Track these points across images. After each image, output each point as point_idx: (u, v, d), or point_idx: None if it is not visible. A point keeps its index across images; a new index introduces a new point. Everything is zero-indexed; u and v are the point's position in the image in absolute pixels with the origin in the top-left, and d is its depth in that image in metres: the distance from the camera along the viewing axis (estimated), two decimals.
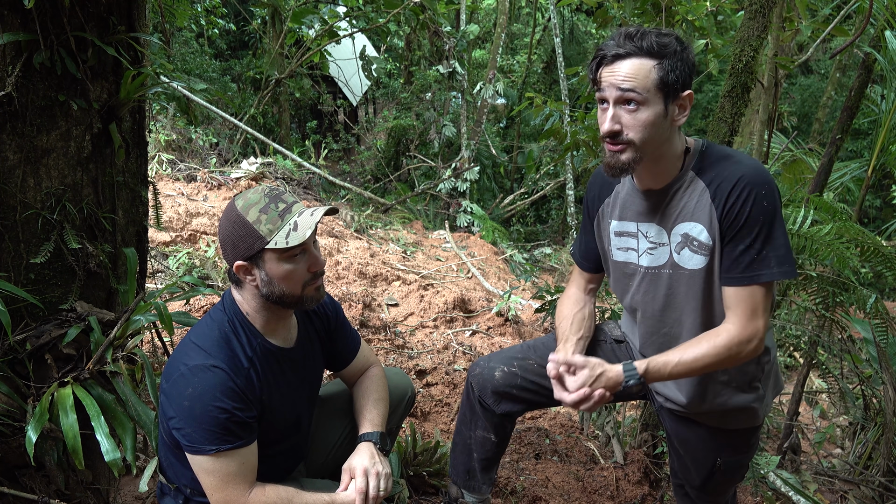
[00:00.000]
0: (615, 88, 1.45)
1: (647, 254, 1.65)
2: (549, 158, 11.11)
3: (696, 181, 1.55)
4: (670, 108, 1.47)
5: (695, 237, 1.55)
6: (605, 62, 1.47)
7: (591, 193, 1.80)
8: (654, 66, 1.43)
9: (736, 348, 1.52)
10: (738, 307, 1.53)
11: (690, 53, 1.48)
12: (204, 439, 1.40)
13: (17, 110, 1.65)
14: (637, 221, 1.66)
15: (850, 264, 2.68)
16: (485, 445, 1.96)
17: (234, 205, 1.48)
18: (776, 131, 6.01)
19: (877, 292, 3.28)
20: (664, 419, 1.91)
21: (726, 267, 1.53)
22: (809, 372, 3.70)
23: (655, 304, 1.68)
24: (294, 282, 1.49)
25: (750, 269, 1.50)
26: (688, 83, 1.48)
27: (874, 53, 3.71)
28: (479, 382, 1.91)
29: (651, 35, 1.44)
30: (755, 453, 2.17)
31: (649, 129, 1.46)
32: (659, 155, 1.53)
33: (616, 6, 4.44)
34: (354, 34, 8.83)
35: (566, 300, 1.91)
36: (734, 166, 1.51)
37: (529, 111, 5.31)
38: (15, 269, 1.74)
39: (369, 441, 1.70)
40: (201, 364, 1.44)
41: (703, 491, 1.91)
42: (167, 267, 4.22)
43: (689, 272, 1.58)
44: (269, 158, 7.24)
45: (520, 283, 6.48)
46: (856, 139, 12.86)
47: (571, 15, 15.29)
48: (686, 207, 1.56)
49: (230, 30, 12.92)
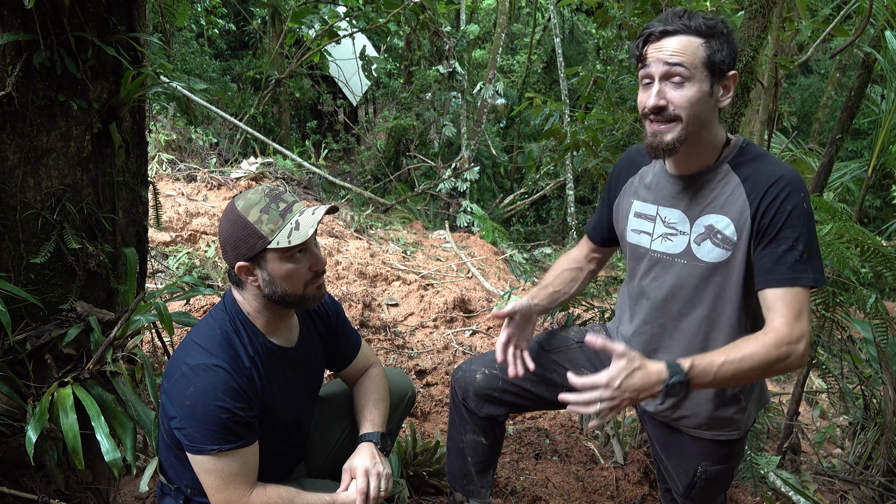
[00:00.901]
0: (662, 63, 1.45)
1: (662, 239, 1.63)
2: (549, 158, 11.11)
3: (730, 175, 1.53)
4: (715, 88, 1.48)
5: (720, 230, 1.52)
6: (651, 39, 1.48)
7: (616, 172, 1.80)
8: (701, 43, 1.45)
9: (786, 348, 1.41)
10: (784, 308, 1.43)
11: (735, 38, 1.49)
12: (205, 439, 1.40)
13: (17, 110, 1.65)
14: (658, 205, 1.64)
15: (850, 264, 2.68)
16: (477, 449, 1.94)
17: (234, 205, 1.48)
18: (776, 131, 6.01)
19: (877, 292, 3.28)
20: (646, 424, 1.88)
21: (768, 267, 1.46)
22: (809, 372, 3.70)
23: (660, 293, 1.65)
24: (296, 281, 1.49)
25: (794, 270, 1.45)
26: (732, 65, 1.49)
27: (874, 53, 3.71)
28: (462, 386, 1.89)
29: (699, 16, 1.46)
30: (741, 462, 2.14)
31: (695, 107, 1.45)
32: (698, 138, 1.51)
33: (616, 6, 4.44)
34: (354, 34, 8.83)
35: (565, 257, 1.96)
36: (772, 166, 1.50)
37: (529, 111, 5.31)
38: (15, 269, 1.74)
39: (370, 441, 1.70)
40: (203, 363, 1.44)
41: (688, 498, 1.86)
42: (167, 267, 4.22)
43: (707, 265, 1.55)
44: (269, 158, 7.24)
45: (520, 283, 6.48)
46: (856, 139, 12.86)
47: (571, 15, 15.29)
48: (717, 200, 1.53)
49: (230, 30, 12.92)
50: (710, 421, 1.69)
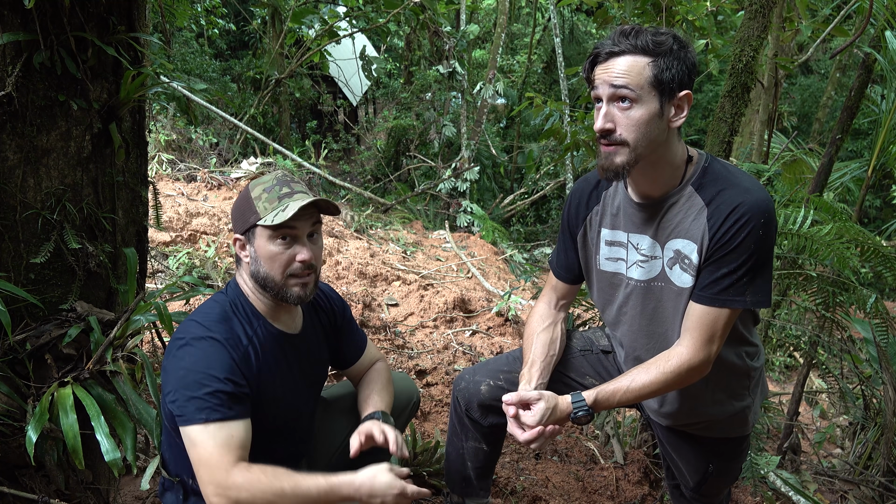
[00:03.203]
0: (608, 85, 1.41)
1: (637, 266, 1.61)
2: (549, 158, 11.11)
3: (694, 197, 1.50)
4: (666, 108, 1.43)
5: (686, 255, 1.51)
6: (599, 60, 1.44)
7: (574, 203, 1.74)
8: (648, 63, 1.40)
9: (686, 374, 1.52)
10: (698, 329, 1.50)
11: (689, 53, 1.43)
12: (195, 409, 1.39)
13: (17, 110, 1.65)
14: (628, 232, 1.61)
15: (850, 264, 2.68)
16: (478, 455, 1.94)
17: (250, 182, 1.56)
18: (776, 131, 6.01)
19: (877, 292, 3.28)
20: (655, 427, 1.90)
21: (702, 285, 1.49)
22: (809, 372, 3.70)
23: (643, 318, 1.64)
24: (276, 265, 1.50)
25: (725, 293, 1.47)
26: (686, 83, 1.43)
27: (874, 53, 3.71)
28: (465, 397, 1.88)
29: (647, 33, 1.41)
30: (748, 456, 2.17)
31: (643, 128, 1.41)
32: (656, 159, 1.48)
33: (616, 6, 4.44)
34: (354, 34, 8.83)
35: (535, 317, 1.85)
36: (735, 190, 1.46)
37: (529, 111, 5.31)
38: (15, 269, 1.74)
39: (372, 419, 1.68)
40: (199, 335, 1.47)
41: (698, 492, 1.91)
42: (167, 267, 4.22)
43: (678, 290, 1.55)
44: (269, 158, 7.23)
45: (520, 283, 6.47)
46: (856, 139, 12.87)
47: (571, 15, 15.30)
48: (682, 223, 1.51)
49: (230, 30, 12.91)
50: (720, 422, 1.72)
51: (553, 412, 1.57)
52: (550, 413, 1.56)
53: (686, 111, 1.46)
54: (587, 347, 1.90)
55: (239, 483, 1.37)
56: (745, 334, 1.66)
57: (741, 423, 1.73)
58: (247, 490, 1.36)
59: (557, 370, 1.84)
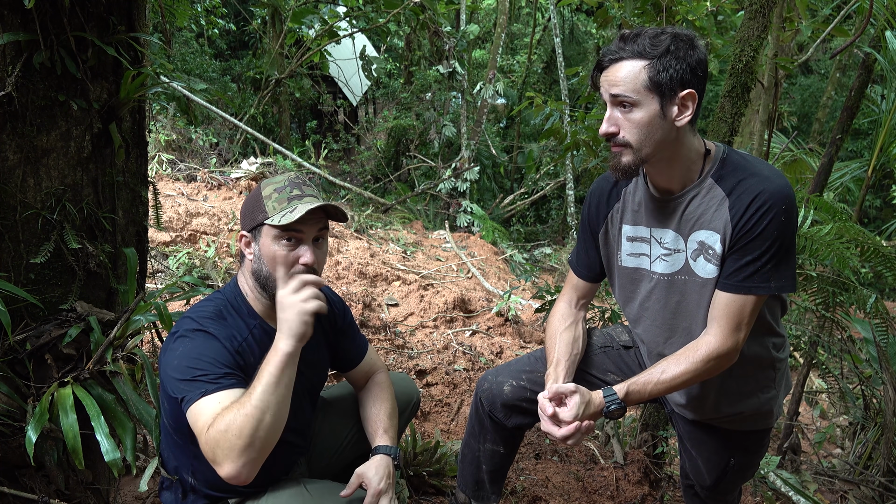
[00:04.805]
0: (608, 93, 1.47)
1: (660, 260, 1.63)
2: (549, 158, 11.11)
3: (714, 189, 1.53)
4: (667, 108, 1.44)
5: (710, 245, 1.54)
6: (603, 67, 1.49)
7: (594, 201, 1.77)
8: (644, 66, 1.43)
9: (715, 362, 1.54)
10: (725, 317, 1.52)
11: (693, 51, 1.44)
12: (193, 388, 1.38)
13: (17, 110, 1.65)
14: (651, 227, 1.64)
15: (850, 264, 2.68)
16: (494, 458, 1.95)
17: (263, 181, 1.58)
18: (776, 131, 6.01)
19: (877, 292, 3.28)
20: (677, 422, 1.90)
21: (727, 273, 1.52)
22: (809, 372, 3.70)
23: (667, 312, 1.66)
24: (278, 265, 1.50)
25: (750, 280, 1.49)
26: (687, 81, 1.44)
27: (874, 53, 3.71)
28: (489, 398, 1.89)
29: (645, 37, 1.44)
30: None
31: (644, 130, 1.45)
32: (670, 156, 1.51)
33: (616, 6, 4.44)
34: (354, 34, 8.83)
35: (556, 316, 1.86)
36: (755, 179, 1.48)
37: (529, 111, 5.31)
38: (15, 269, 1.74)
39: (387, 455, 1.68)
40: (192, 328, 1.47)
41: (714, 490, 1.92)
42: (167, 267, 4.22)
43: (702, 281, 1.57)
44: (270, 158, 7.23)
45: (520, 283, 6.48)
46: (856, 139, 12.87)
47: (571, 15, 15.30)
48: (704, 215, 1.54)
49: (230, 30, 12.91)
50: (748, 416, 1.73)
51: (588, 406, 1.57)
52: (585, 407, 1.57)
53: (692, 109, 1.47)
54: (608, 344, 1.91)
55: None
56: (772, 325, 1.67)
57: (766, 416, 1.75)
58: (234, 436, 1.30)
59: (579, 367, 1.85)
